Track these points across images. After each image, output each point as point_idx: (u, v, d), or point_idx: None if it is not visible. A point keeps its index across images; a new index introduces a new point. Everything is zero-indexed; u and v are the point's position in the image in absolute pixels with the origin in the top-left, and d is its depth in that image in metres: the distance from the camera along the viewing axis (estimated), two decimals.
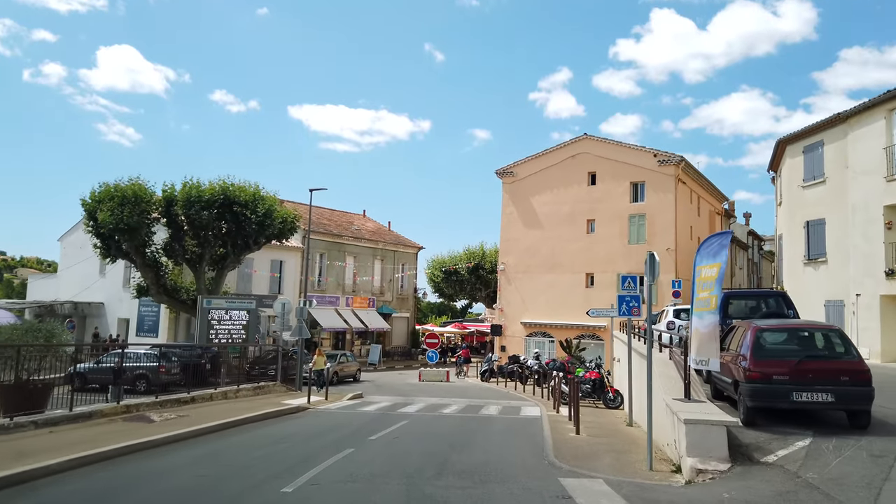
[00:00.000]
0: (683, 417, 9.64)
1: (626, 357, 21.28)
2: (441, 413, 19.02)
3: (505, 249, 40.22)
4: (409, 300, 51.32)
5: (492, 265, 50.88)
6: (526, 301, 38.88)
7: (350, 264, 45.67)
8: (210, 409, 16.80)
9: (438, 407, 20.76)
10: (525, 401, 24.68)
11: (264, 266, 40.32)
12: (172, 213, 31.53)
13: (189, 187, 31.41)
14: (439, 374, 34.72)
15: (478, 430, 15.40)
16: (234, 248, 33.50)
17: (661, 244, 35.58)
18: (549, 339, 38.21)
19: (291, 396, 21.19)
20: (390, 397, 24.78)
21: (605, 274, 36.86)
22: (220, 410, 16.40)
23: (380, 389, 29.31)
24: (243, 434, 13.70)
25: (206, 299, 23.21)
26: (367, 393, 26.82)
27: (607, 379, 22.14)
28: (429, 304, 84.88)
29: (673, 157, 35.94)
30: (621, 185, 36.97)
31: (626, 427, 16.43)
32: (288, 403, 19.26)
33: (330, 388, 29.33)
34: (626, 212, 36.79)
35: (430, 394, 26.88)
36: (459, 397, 25.34)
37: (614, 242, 36.77)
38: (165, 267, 33.47)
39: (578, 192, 38.03)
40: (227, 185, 31.91)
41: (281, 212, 33.66)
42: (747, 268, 51.77)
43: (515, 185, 40.06)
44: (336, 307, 44.22)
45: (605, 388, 21.95)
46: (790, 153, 28.32)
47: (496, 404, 22.38)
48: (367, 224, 51.94)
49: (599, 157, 37.74)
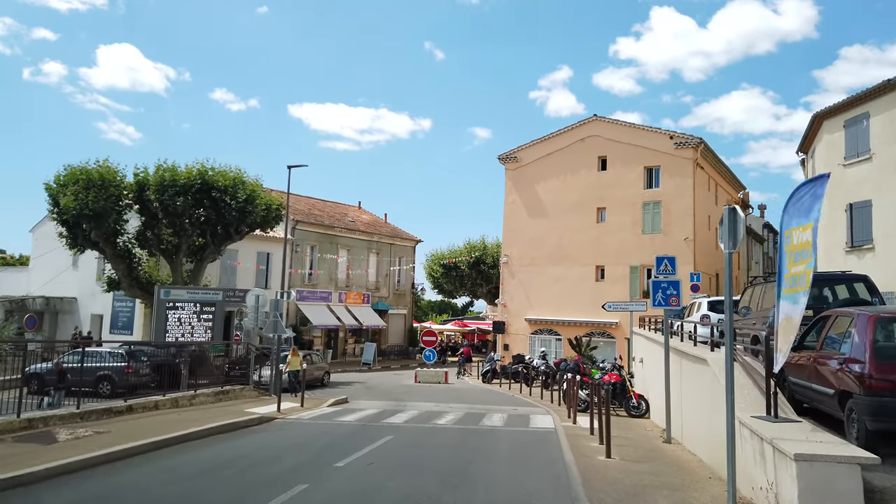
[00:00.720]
0: (794, 452, 6.20)
1: (654, 357, 17.83)
2: (435, 424, 15.59)
3: (508, 240, 36.72)
4: (407, 296, 47.83)
5: (494, 259, 47.45)
6: (531, 296, 35.41)
7: (343, 258, 42.21)
8: (147, 421, 13.38)
9: (433, 416, 17.33)
10: (533, 407, 21.24)
11: (250, 258, 36.94)
12: (145, 199, 28.21)
13: (163, 171, 28.06)
14: (437, 375, 31.29)
15: (479, 450, 11.99)
16: (214, 237, 30.20)
17: (677, 233, 32.13)
18: (555, 336, 34.75)
19: (261, 403, 17.78)
20: (380, 402, 21.36)
21: (617, 266, 33.40)
22: (159, 424, 12.98)
23: (370, 392, 25.88)
24: (173, 457, 10.31)
25: (164, 289, 19.81)
26: (355, 397, 23.41)
27: (629, 382, 18.69)
28: (429, 302, 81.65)
29: (691, 139, 32.46)
30: (634, 170, 33.49)
31: (664, 444, 13.00)
32: (253, 412, 15.86)
33: (314, 392, 26.03)
34: (639, 199, 33.31)
35: (426, 397, 23.46)
36: (458, 402, 21.92)
37: (627, 232, 33.29)
38: (139, 258, 30.17)
39: (587, 178, 34.55)
40: (205, 170, 28.56)
41: (264, 198, 30.28)
42: (763, 263, 48.27)
43: (519, 172, 36.58)
44: (328, 303, 40.77)
45: (626, 392, 18.51)
46: (828, 128, 24.88)
47: (500, 412, 18.95)
48: (363, 216, 48.48)
49: (610, 141, 34.26)
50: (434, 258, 50.47)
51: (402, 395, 24.60)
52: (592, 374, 21.44)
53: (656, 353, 17.56)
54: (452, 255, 49.35)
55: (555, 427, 15.48)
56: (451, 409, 19.22)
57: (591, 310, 33.57)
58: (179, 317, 18.72)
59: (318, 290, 40.23)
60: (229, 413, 15.32)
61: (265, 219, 30.77)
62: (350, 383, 29.90)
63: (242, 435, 12.96)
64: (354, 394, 24.95)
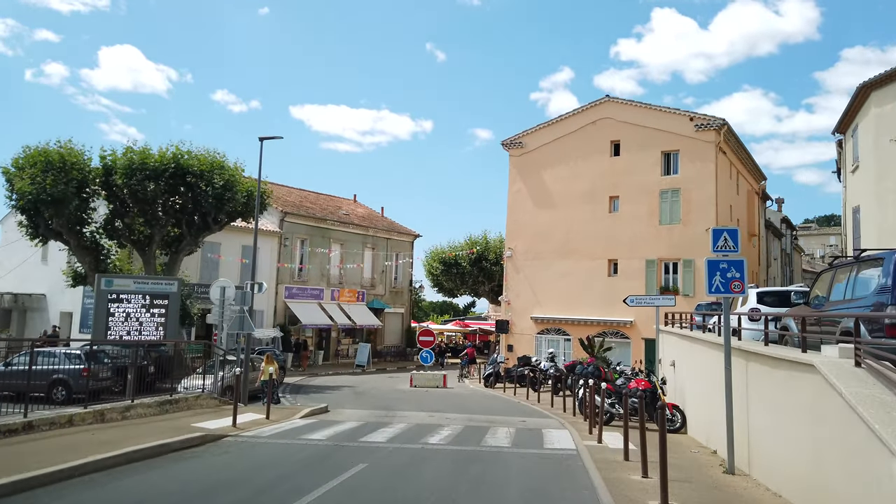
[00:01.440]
0: None
1: (693, 360, 14.43)
2: (425, 444, 12.20)
3: (512, 233, 33.29)
4: (404, 294, 44.39)
5: (496, 256, 44.01)
6: (537, 293, 31.99)
7: (336, 252, 38.83)
8: (40, 445, 10.00)
9: (424, 431, 13.93)
10: (545, 417, 17.82)
11: (234, 252, 33.58)
12: (112, 184, 24.96)
13: (131, 153, 24.81)
14: (434, 379, 27.90)
15: (481, 487, 8.60)
16: (190, 227, 26.97)
17: (699, 224, 28.70)
18: (564, 336, 31.31)
19: (218, 414, 14.39)
20: (365, 412, 17.98)
21: (632, 260, 29.96)
22: (53, 449, 9.61)
23: (358, 399, 22.50)
24: None
25: (106, 279, 16.43)
26: (340, 404, 20.04)
27: (661, 390, 15.26)
28: (430, 303, 78.29)
29: (713, 120, 29.05)
30: (650, 156, 30.08)
31: (727, 477, 9.58)
32: (202, 427, 12.50)
33: (296, 397, 22.62)
34: (656, 186, 29.89)
35: (421, 405, 20.08)
36: (457, 411, 18.52)
37: (642, 223, 29.87)
38: (107, 250, 26.90)
39: (599, 165, 31.14)
40: (179, 153, 25.34)
41: (245, 184, 27.00)
42: (781, 259, 44.77)
43: (525, 158, 33.17)
44: (320, 301, 37.40)
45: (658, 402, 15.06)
46: (877, 101, 21.39)
47: (506, 425, 15.55)
48: (358, 209, 45.07)
49: (624, 123, 30.85)
50: (433, 254, 47.09)
51: (393, 401, 21.21)
52: (615, 378, 18.05)
53: (697, 354, 14.15)
54: (453, 251, 45.98)
55: (576, 447, 12.07)
56: (447, 422, 15.81)
57: (602, 307, 30.19)
58: (126, 311, 15.41)
59: (308, 287, 36.87)
60: (167, 430, 11.94)
61: (247, 207, 27.53)
62: (338, 387, 26.54)
63: (165, 464, 9.58)
64: (339, 400, 21.59)
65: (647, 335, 28.37)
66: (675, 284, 29.16)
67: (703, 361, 13.36)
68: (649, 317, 28.64)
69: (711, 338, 12.99)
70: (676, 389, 15.98)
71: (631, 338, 29.65)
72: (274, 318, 34.98)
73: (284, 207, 36.32)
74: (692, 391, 14.50)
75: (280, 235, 35.43)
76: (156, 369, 19.31)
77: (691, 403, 14.51)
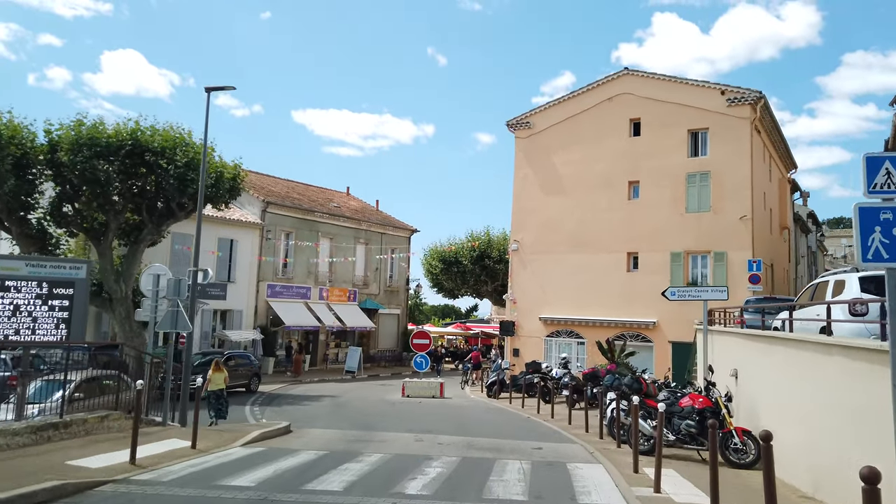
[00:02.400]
0: None
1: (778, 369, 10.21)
2: (403, 492, 8.04)
3: (518, 223, 29.05)
4: (401, 293, 40.11)
5: (500, 253, 39.86)
6: (546, 290, 27.75)
7: (325, 246, 34.68)
8: None
9: (404, 468, 9.72)
10: (565, 441, 13.60)
11: (210, 246, 29.40)
12: (58, 162, 20.98)
13: (79, 126, 20.86)
14: (430, 388, 23.72)
15: None
16: (152, 214, 23.01)
17: (732, 211, 24.51)
18: (577, 339, 27.06)
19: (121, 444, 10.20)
20: (337, 432, 13.80)
21: (654, 253, 25.74)
22: None
23: (335, 413, 18.32)
24: None
25: None
26: (311, 420, 15.91)
27: (727, 410, 11.02)
28: (432, 307, 74.11)
29: (748, 93, 24.86)
30: (675, 135, 25.88)
31: None
32: (77, 466, 8.38)
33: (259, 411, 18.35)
34: (682, 170, 25.68)
35: (409, 422, 15.88)
36: (453, 432, 14.32)
37: (666, 211, 25.66)
38: (56, 239, 22.98)
39: (617, 146, 26.94)
40: (139, 128, 21.38)
41: (214, 165, 23.01)
42: (808, 257, 40.50)
43: (533, 140, 28.98)
44: (306, 300, 33.24)
45: (723, 426, 10.89)
46: None
47: (518, 454, 11.35)
48: (350, 202, 40.86)
49: (645, 99, 26.67)
50: (433, 252, 42.96)
51: (376, 417, 17.00)
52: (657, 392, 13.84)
53: (788, 362, 9.93)
54: (453, 248, 41.85)
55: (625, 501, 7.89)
56: (438, 450, 11.59)
57: (621, 306, 25.96)
58: (15, 302, 11.36)
59: (293, 285, 32.72)
60: (20, 474, 7.78)
61: (216, 191, 23.52)
62: (319, 398, 22.35)
63: None
64: (313, 415, 17.43)
65: (676, 338, 24.14)
66: (703, 280, 24.94)
67: (803, 372, 9.18)
68: (676, 317, 24.39)
69: (821, 338, 8.78)
70: (741, 407, 11.77)
71: (654, 341, 25.38)
72: (255, 319, 30.84)
73: (268, 197, 32.23)
74: (776, 413, 10.28)
75: (262, 227, 31.32)
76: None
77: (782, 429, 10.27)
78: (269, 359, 30.31)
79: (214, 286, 29.08)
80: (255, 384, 24.04)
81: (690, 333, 23.04)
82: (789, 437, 9.71)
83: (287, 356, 31.66)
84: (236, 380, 23.33)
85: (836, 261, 56.90)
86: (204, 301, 28.91)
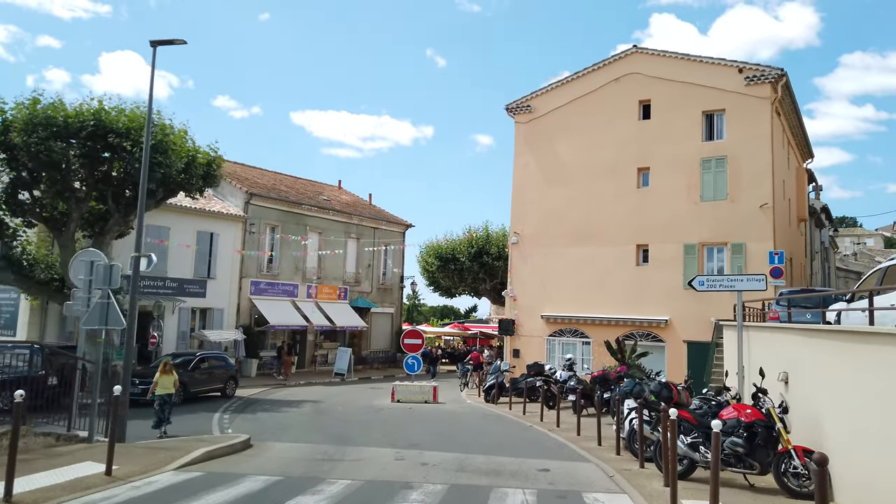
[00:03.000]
0: None
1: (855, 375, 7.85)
2: None
3: (519, 215, 26.70)
4: (394, 291, 37.72)
5: (499, 250, 37.60)
6: (549, 286, 25.41)
7: (314, 242, 32.35)
8: None
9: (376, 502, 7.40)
10: (577, 459, 11.24)
11: (188, 239, 27.13)
12: (10, 144, 18.71)
13: (34, 105, 18.60)
14: (422, 392, 21.37)
15: None
16: (118, 202, 20.75)
17: (750, 200, 22.20)
18: (582, 339, 24.72)
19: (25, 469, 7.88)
20: (305, 447, 11.48)
21: (666, 245, 23.41)
22: None
23: (316, 419, 15.99)
24: None
25: None
26: (279, 432, 13.57)
27: (783, 424, 8.71)
28: (431, 307, 71.70)
29: (769, 70, 22.55)
30: (689, 117, 23.57)
31: None
32: None
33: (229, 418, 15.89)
34: (696, 154, 23.35)
35: (393, 434, 13.55)
36: (444, 447, 11.97)
37: (679, 199, 23.33)
38: (12, 230, 20.72)
39: (625, 130, 24.63)
40: (102, 108, 19.10)
41: (186, 149, 20.81)
42: (821, 254, 38.12)
43: (534, 126, 26.66)
44: (293, 298, 30.90)
45: (777, 444, 8.60)
46: None
47: (520, 479, 9.05)
48: (342, 196, 38.50)
49: (656, 79, 24.35)
50: (429, 249, 40.68)
51: (356, 428, 14.66)
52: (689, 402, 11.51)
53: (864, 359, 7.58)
54: (450, 245, 39.56)
55: None
56: (423, 474, 9.27)
57: (629, 303, 23.64)
58: None
59: (279, 282, 30.39)
60: None
61: (188, 177, 21.29)
62: (299, 403, 20.00)
63: None
64: (286, 424, 15.09)
65: (690, 336, 21.86)
66: (720, 274, 22.59)
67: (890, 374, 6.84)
68: (690, 314, 22.07)
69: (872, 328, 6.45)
70: (796, 420, 9.43)
71: (666, 341, 23.03)
72: (237, 318, 28.51)
73: (252, 188, 29.92)
74: (845, 427, 7.94)
75: (245, 220, 29.00)
76: (61, 382, 13.00)
77: (844, 449, 7.96)
78: (253, 360, 27.96)
79: (192, 283, 27.09)
80: (231, 388, 21.67)
81: (707, 332, 20.72)
82: (867, 459, 7.40)
83: (277, 357, 29.36)
84: (211, 383, 21.03)
85: (847, 258, 54.54)
86: (181, 299, 26.84)
